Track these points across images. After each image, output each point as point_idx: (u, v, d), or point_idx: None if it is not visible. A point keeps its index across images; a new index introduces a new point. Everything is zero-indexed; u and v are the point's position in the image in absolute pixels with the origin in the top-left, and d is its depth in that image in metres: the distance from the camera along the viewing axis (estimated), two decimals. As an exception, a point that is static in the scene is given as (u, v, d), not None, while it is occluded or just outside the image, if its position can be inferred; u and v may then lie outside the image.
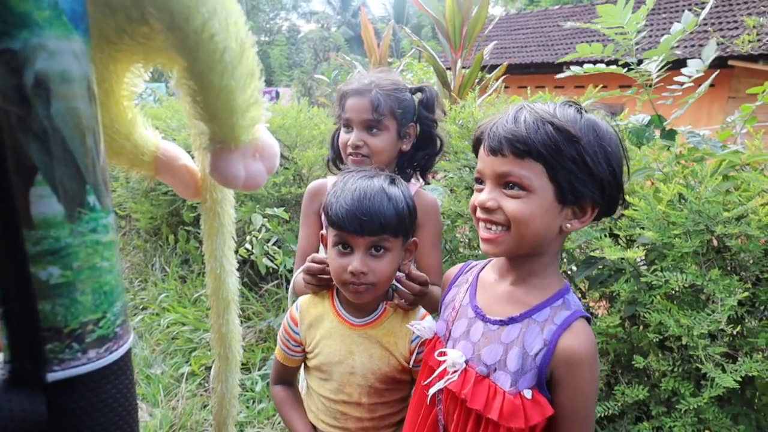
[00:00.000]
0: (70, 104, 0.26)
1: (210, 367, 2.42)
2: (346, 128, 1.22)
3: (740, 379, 1.12)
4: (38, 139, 0.26)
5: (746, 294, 1.16)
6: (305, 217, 1.30)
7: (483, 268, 0.94)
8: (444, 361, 0.83)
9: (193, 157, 0.49)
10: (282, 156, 3.01)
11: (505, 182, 0.76)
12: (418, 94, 1.28)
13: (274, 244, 2.49)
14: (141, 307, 3.15)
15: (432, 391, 0.85)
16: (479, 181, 0.81)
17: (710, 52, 1.36)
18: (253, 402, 2.23)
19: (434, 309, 1.21)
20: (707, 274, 1.21)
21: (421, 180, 1.35)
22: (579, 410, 0.77)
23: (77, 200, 0.27)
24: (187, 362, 2.51)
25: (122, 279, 0.31)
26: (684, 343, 1.22)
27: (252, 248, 2.45)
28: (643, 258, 1.39)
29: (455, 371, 0.82)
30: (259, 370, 2.41)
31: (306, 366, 1.08)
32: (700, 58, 1.39)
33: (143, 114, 0.47)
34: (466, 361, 0.82)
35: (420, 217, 1.24)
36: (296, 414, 1.06)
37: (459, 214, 1.90)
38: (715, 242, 1.32)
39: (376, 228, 0.89)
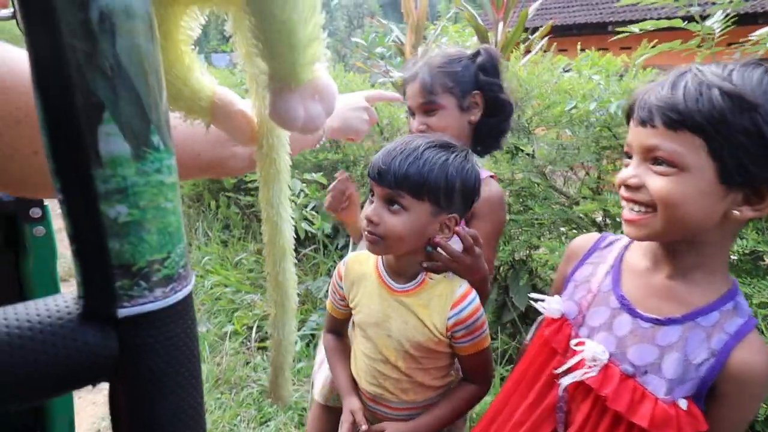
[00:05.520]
0: (133, 41, 0.26)
1: (251, 327, 2.52)
2: (412, 116, 1.21)
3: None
4: (104, 76, 0.25)
5: (811, 263, 1.08)
6: None
7: (626, 247, 0.83)
8: (579, 351, 0.76)
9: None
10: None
11: (653, 157, 0.67)
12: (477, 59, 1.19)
13: (312, 209, 2.52)
14: (185, 269, 3.29)
15: (565, 382, 0.77)
16: (628, 155, 0.72)
17: None
18: (292, 361, 2.32)
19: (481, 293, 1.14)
20: (769, 241, 1.14)
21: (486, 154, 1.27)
22: (735, 428, 0.71)
23: (142, 139, 0.27)
24: (230, 321, 2.62)
25: (183, 222, 0.31)
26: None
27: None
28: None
29: (594, 366, 0.74)
30: (298, 331, 2.49)
31: (354, 322, 1.10)
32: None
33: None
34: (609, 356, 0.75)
35: (480, 209, 1.12)
36: (341, 365, 1.10)
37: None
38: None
39: (391, 180, 0.89)
